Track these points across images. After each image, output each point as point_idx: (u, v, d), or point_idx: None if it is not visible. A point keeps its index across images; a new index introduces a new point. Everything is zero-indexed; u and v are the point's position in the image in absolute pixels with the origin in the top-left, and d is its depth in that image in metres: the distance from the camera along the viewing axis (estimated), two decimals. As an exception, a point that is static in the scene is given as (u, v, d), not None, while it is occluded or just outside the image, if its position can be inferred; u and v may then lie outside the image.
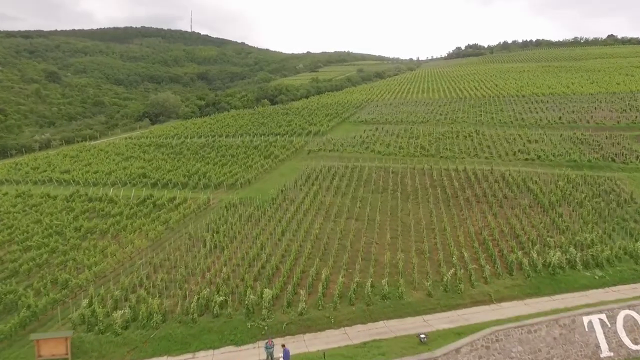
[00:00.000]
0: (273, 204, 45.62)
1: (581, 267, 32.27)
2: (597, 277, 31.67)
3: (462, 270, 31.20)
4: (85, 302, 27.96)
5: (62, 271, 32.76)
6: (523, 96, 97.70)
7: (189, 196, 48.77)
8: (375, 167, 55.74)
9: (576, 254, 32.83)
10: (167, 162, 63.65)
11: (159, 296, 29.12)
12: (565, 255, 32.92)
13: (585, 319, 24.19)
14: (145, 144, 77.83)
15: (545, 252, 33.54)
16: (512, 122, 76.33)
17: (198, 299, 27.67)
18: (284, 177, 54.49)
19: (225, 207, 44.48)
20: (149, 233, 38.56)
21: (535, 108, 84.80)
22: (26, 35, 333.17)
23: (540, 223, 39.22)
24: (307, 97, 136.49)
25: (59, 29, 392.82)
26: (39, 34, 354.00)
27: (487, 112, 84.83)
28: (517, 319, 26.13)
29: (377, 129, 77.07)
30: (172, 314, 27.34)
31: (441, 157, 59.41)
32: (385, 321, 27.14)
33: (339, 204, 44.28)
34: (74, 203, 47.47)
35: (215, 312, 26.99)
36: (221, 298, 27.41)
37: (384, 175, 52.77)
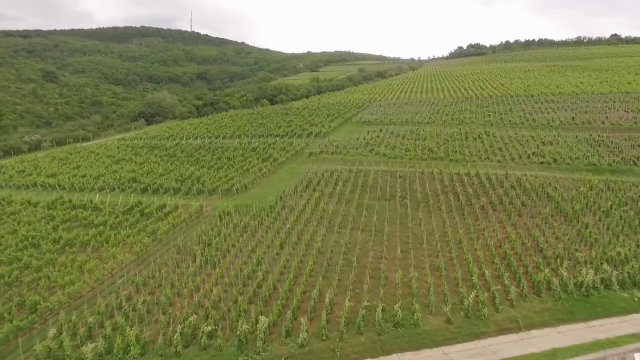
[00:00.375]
0: (271, 212, 41.84)
1: (617, 287, 28.52)
2: (636, 299, 27.86)
3: (483, 292, 27.50)
4: (52, 331, 24.18)
5: (32, 291, 29.00)
6: (531, 96, 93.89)
7: (180, 203, 44.98)
8: (381, 171, 51.95)
9: (611, 272, 29.08)
10: (159, 165, 59.85)
11: (139, 322, 25.37)
12: (599, 273, 29.17)
13: (638, 357, 20.50)
14: (138, 145, 74.06)
15: (575, 269, 29.80)
16: (522, 122, 72.51)
17: (183, 327, 23.92)
18: (283, 182, 50.73)
19: (219, 215, 40.69)
20: (133, 246, 34.77)
21: (546, 108, 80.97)
22: (24, 34, 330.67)
23: (565, 235, 35.45)
24: (307, 96, 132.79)
25: (58, 29, 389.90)
26: (38, 33, 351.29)
27: (496, 112, 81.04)
28: (553, 353, 22.48)
29: (381, 130, 73.29)
30: (153, 345, 23.58)
31: (451, 160, 55.58)
32: (399, 354, 23.35)
33: (343, 213, 40.49)
34: (55, 211, 43.65)
35: (202, 343, 23.25)
36: (209, 327, 23.63)
37: (391, 180, 48.98)
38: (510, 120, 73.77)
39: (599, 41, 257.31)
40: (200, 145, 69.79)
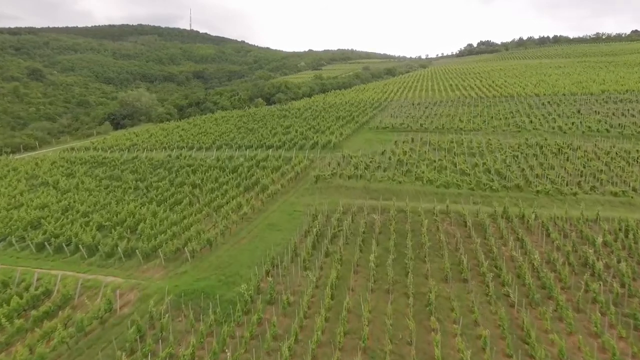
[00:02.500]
0: (245, 314, 20.84)
1: None
2: None
3: None
4: None
5: None
6: (592, 94, 72.81)
7: (80, 283, 23.94)
8: (434, 212, 30.84)
9: None
10: (90, 194, 38.86)
11: None
12: None
13: None
14: (82, 159, 53.01)
15: None
16: (607, 130, 51.43)
17: None
18: (275, 234, 29.70)
19: (137, 329, 19.59)
20: None
21: (629, 110, 59.82)
22: (15, 32, 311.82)
23: None
24: (310, 95, 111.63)
25: (51, 26, 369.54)
26: (30, 30, 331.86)
27: (560, 115, 59.96)
28: None
29: (412, 139, 52.23)
30: None
31: (538, 192, 34.48)
32: None
33: (390, 320, 19.39)
34: None
35: None
36: None
37: (463, 233, 27.85)
38: (589, 127, 52.64)
39: (619, 37, 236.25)
40: (163, 162, 48.75)
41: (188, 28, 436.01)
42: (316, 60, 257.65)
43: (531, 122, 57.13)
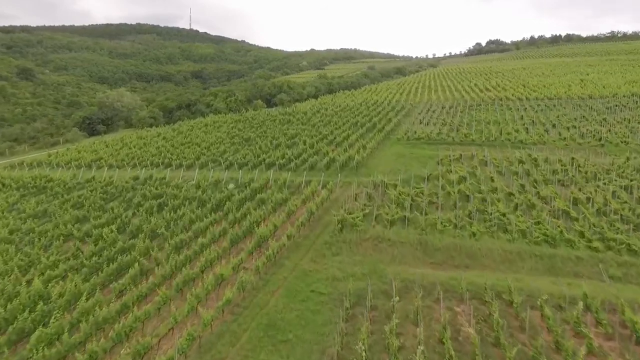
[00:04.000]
0: None
1: None
2: None
3: None
4: None
5: None
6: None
7: None
8: (573, 312, 17.01)
9: None
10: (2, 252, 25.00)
11: None
12: None
13: None
14: (19, 181, 39.10)
15: None
16: None
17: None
18: (278, 357, 15.78)
19: None
20: None
21: None
22: (8, 30, 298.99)
23: None
24: (316, 96, 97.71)
25: (47, 25, 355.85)
26: (24, 29, 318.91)
27: (642, 122, 46.17)
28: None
29: (461, 156, 38.28)
30: None
31: None
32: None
33: None
34: None
35: None
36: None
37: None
38: (698, 139, 38.81)
39: (636, 36, 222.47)
40: (124, 189, 34.80)
41: (187, 27, 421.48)
42: (319, 59, 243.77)
43: (610, 131, 43.27)
